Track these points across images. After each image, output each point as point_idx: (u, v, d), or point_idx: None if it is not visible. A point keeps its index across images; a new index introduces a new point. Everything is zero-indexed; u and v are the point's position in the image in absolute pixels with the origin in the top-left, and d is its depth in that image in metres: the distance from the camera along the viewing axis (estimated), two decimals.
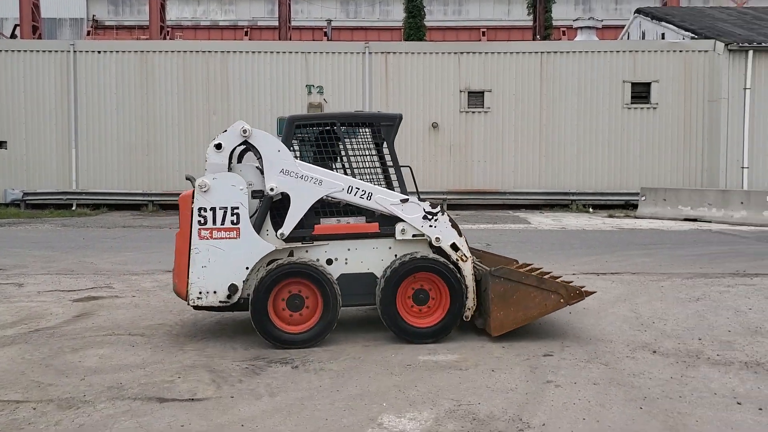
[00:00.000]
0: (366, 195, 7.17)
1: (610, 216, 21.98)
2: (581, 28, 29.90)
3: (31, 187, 24.38)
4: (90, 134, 24.62)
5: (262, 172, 7.18)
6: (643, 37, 31.30)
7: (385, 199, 7.19)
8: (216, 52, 24.93)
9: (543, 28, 32.89)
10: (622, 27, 38.53)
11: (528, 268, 8.23)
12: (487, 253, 8.82)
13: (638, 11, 32.82)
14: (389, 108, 24.34)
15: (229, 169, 7.11)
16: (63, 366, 6.36)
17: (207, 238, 6.92)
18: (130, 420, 5.09)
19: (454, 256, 7.23)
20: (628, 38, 34.23)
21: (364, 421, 5.08)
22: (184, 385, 5.84)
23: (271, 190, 7.03)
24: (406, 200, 7.21)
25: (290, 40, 33.17)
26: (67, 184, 24.52)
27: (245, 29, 43.36)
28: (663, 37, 28.08)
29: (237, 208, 6.95)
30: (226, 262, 6.94)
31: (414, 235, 7.22)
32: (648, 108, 24.44)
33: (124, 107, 24.64)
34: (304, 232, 7.16)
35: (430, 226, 7.21)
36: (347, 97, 24.52)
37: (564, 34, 39.10)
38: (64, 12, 47.17)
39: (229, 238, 6.94)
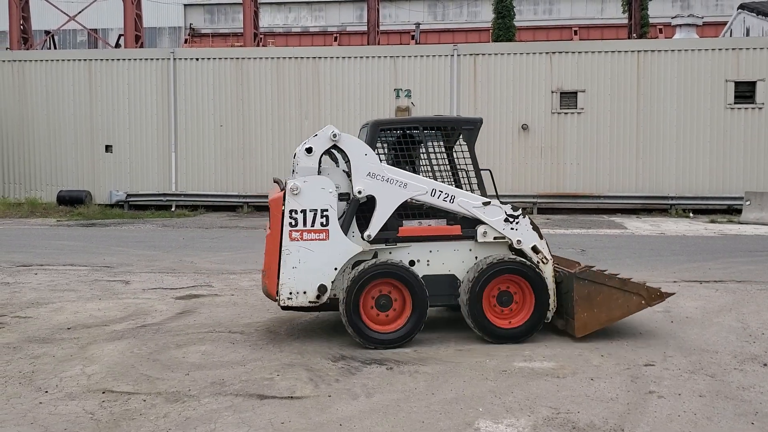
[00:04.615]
0: (449, 198, 7.28)
1: (712, 221, 21.01)
2: (680, 25, 28.69)
3: (134, 189, 25.61)
4: (188, 138, 25.63)
5: (348, 176, 7.33)
6: (748, 34, 29.84)
7: (467, 202, 7.29)
8: (307, 57, 25.45)
9: (639, 26, 31.76)
10: (724, 24, 36.85)
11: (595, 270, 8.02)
12: (555, 256, 8.73)
13: (742, 7, 31.32)
14: (477, 110, 24.16)
15: (319, 173, 7.29)
16: (169, 361, 6.65)
17: (298, 240, 7.10)
18: (233, 415, 5.26)
19: (535, 258, 7.29)
20: (730, 35, 32.72)
21: (461, 426, 5.06)
22: (283, 383, 5.98)
23: (359, 192, 7.17)
24: (488, 203, 7.29)
25: (378, 44, 33.46)
26: (167, 186, 25.62)
27: (335, 35, 44.05)
28: None
29: (326, 210, 7.12)
30: (316, 263, 7.11)
31: (495, 238, 7.30)
32: (753, 108, 23.22)
33: (220, 112, 25.52)
34: (388, 234, 7.27)
35: (512, 228, 7.28)
36: (435, 100, 24.50)
37: (661, 32, 37.67)
38: (164, 21, 49.36)
39: (319, 239, 7.11)
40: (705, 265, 12.38)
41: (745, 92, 23.31)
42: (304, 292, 7.13)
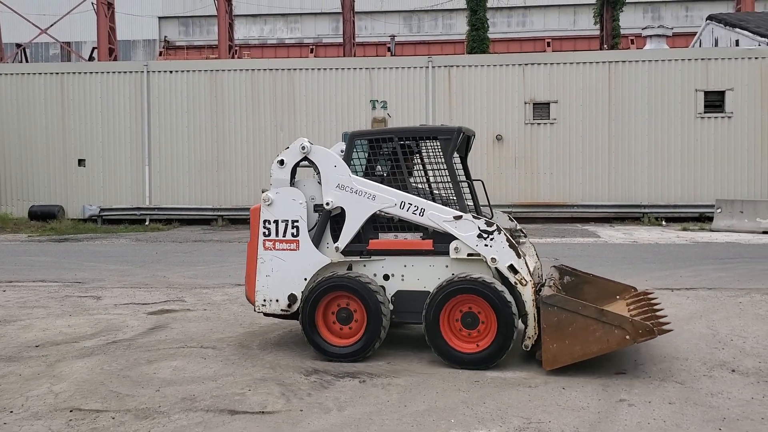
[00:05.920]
0: (418, 210, 6.95)
1: (684, 229, 21.29)
2: (651, 36, 29.16)
3: (107, 203, 25.35)
4: (162, 152, 25.46)
5: None
6: (716, 45, 30.37)
7: (437, 216, 6.89)
8: (283, 69, 25.45)
9: (610, 37, 32.22)
10: (694, 34, 37.49)
11: (645, 297, 7.74)
12: (599, 278, 8.26)
13: (710, 18, 31.90)
14: (452, 122, 24.30)
15: (292, 184, 7.34)
16: (139, 377, 6.56)
17: (270, 249, 7.25)
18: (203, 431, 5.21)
19: (512, 279, 6.69)
20: (700, 46, 33.29)
21: None
22: (254, 398, 5.94)
23: (327, 204, 7.16)
24: (459, 217, 6.83)
25: (354, 56, 33.54)
26: (140, 200, 25.40)
27: (310, 46, 44.11)
28: (737, 44, 27.17)
29: (297, 221, 7.20)
30: (286, 273, 7.20)
31: (469, 254, 6.80)
32: (722, 117, 23.63)
33: (194, 125, 25.39)
34: (361, 247, 7.17)
35: (485, 245, 6.72)
36: (411, 112, 24.61)
37: (632, 42, 38.24)
38: (138, 34, 49.09)
39: (290, 249, 7.20)
40: (676, 273, 12.53)
41: (714, 101, 23.72)
42: (277, 300, 7.25)
